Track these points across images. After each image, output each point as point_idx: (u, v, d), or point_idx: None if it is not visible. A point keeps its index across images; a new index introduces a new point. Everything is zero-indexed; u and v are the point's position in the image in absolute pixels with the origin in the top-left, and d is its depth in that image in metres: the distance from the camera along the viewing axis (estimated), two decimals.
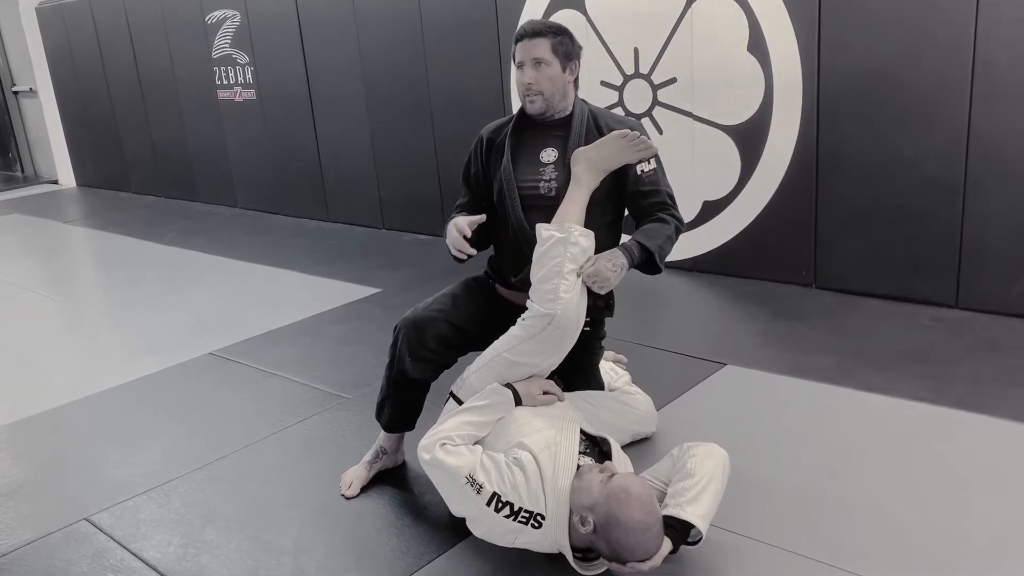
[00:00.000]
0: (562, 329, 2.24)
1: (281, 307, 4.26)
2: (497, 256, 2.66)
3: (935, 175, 3.47)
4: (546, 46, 2.40)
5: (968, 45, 3.28)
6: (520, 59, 2.45)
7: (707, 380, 3.07)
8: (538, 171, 2.48)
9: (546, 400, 2.28)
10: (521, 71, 2.45)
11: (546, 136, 2.51)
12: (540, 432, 2.10)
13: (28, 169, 9.61)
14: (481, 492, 1.98)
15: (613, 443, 2.23)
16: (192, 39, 6.72)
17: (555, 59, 2.41)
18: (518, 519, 1.96)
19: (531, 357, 2.29)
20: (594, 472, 1.98)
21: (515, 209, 2.48)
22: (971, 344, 3.21)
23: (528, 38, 2.42)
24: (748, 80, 3.85)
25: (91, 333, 4.25)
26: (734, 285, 4.09)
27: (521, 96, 2.48)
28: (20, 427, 3.17)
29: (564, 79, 2.44)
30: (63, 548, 2.36)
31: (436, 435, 2.12)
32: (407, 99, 5.31)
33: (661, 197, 2.49)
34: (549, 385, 2.33)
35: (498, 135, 2.57)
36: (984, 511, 2.19)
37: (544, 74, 2.41)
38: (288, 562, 2.21)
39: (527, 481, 1.97)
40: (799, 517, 2.22)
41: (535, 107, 2.45)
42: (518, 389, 2.26)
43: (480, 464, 2.02)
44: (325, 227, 6.05)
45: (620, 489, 1.89)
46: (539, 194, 2.47)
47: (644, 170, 2.45)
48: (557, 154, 2.48)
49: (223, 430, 3.00)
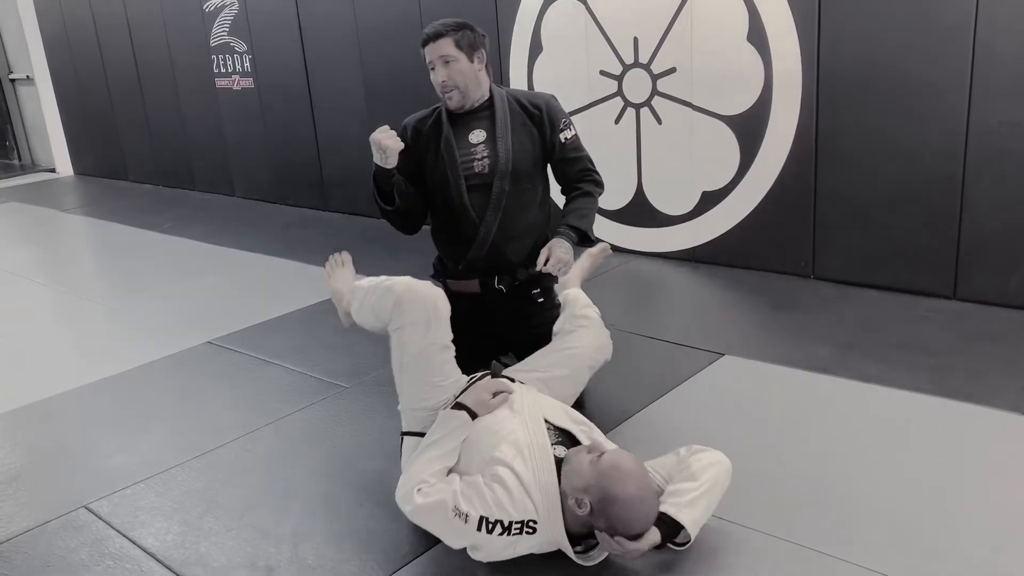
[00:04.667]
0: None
1: (279, 296, 4.26)
2: (437, 243, 2.86)
3: (934, 166, 3.47)
4: (449, 43, 2.60)
5: (968, 36, 3.27)
6: (430, 60, 2.64)
7: (705, 370, 3.07)
8: (470, 151, 2.68)
9: (500, 401, 2.23)
10: (433, 71, 2.64)
11: (472, 122, 2.71)
12: (508, 438, 2.08)
13: (25, 157, 9.58)
14: (469, 520, 1.97)
15: (579, 432, 2.20)
16: (190, 27, 6.69)
17: (460, 53, 2.61)
18: (511, 533, 1.96)
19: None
20: (582, 454, 1.99)
21: (458, 188, 2.67)
22: (969, 335, 3.21)
23: (432, 41, 2.62)
24: (747, 70, 3.85)
25: (88, 321, 4.25)
26: (732, 275, 4.09)
27: (440, 95, 2.68)
28: (18, 415, 3.17)
29: (474, 69, 2.65)
30: (62, 536, 2.36)
31: (409, 482, 2.08)
32: (405, 88, 5.29)
33: (583, 163, 2.80)
34: (496, 385, 2.28)
35: (424, 124, 2.76)
36: (982, 502, 2.20)
37: (454, 69, 2.61)
38: (287, 550, 2.21)
39: (509, 494, 1.96)
40: (796, 507, 2.23)
41: (454, 102, 2.66)
42: (469, 404, 2.20)
43: (460, 493, 2.00)
44: (323, 216, 6.04)
45: (611, 466, 1.90)
46: (474, 172, 2.67)
47: (567, 137, 2.75)
48: (485, 135, 2.69)
49: (221, 419, 3.00)
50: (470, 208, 2.66)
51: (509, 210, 2.69)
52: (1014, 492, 2.22)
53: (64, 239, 6.34)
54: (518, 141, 2.69)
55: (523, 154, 2.70)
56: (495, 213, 2.67)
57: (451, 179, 2.67)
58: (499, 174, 2.66)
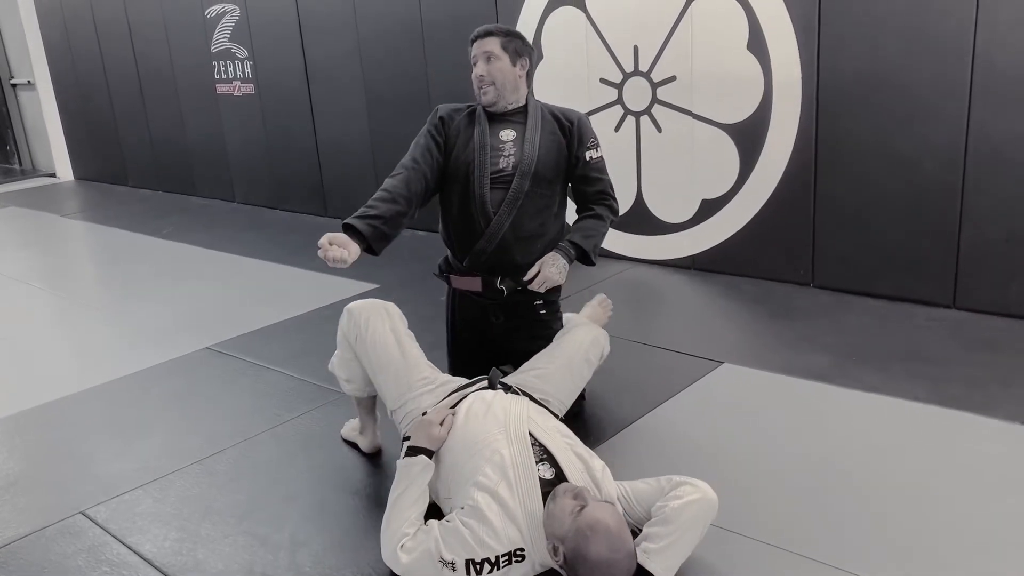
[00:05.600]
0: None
1: (278, 302, 4.26)
2: (446, 236, 2.86)
3: (934, 175, 3.47)
4: (496, 43, 2.68)
5: (968, 44, 3.28)
6: (474, 55, 2.71)
7: (703, 379, 3.07)
8: (498, 147, 2.72)
9: (447, 428, 2.20)
10: (475, 66, 2.71)
11: (505, 122, 2.76)
12: (492, 459, 2.05)
13: (26, 162, 9.59)
14: (456, 568, 1.93)
15: (562, 452, 2.13)
16: (191, 33, 6.70)
17: (505, 54, 2.68)
18: (500, 567, 1.93)
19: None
20: (567, 499, 1.92)
21: (482, 178, 2.69)
22: (968, 344, 3.21)
23: (480, 38, 2.71)
24: (747, 79, 3.85)
25: (87, 327, 4.24)
26: (731, 283, 4.09)
27: (476, 90, 2.73)
28: (16, 420, 3.17)
29: (514, 72, 2.71)
30: (59, 542, 2.36)
31: (391, 542, 2.04)
32: (406, 95, 5.30)
33: (603, 186, 2.81)
34: (439, 415, 2.23)
35: (458, 114, 2.79)
36: (980, 511, 2.19)
37: (495, 66, 2.68)
38: (284, 557, 2.21)
39: (491, 527, 1.93)
40: (794, 516, 2.22)
41: (488, 97, 2.71)
42: (420, 443, 2.17)
43: (441, 540, 1.96)
44: (323, 222, 6.03)
45: (587, 525, 1.84)
46: (498, 167, 2.70)
47: (592, 156, 2.77)
48: (515, 135, 2.73)
49: (219, 425, 3.00)
50: (488, 200, 2.68)
51: (524, 210, 2.70)
52: (1013, 502, 2.22)
53: (64, 244, 6.34)
54: (544, 147, 2.72)
55: (547, 159, 2.72)
56: (510, 209, 2.68)
57: (476, 168, 2.69)
58: (521, 172, 2.68)
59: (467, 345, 2.92)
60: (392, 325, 2.50)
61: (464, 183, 2.72)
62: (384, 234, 2.56)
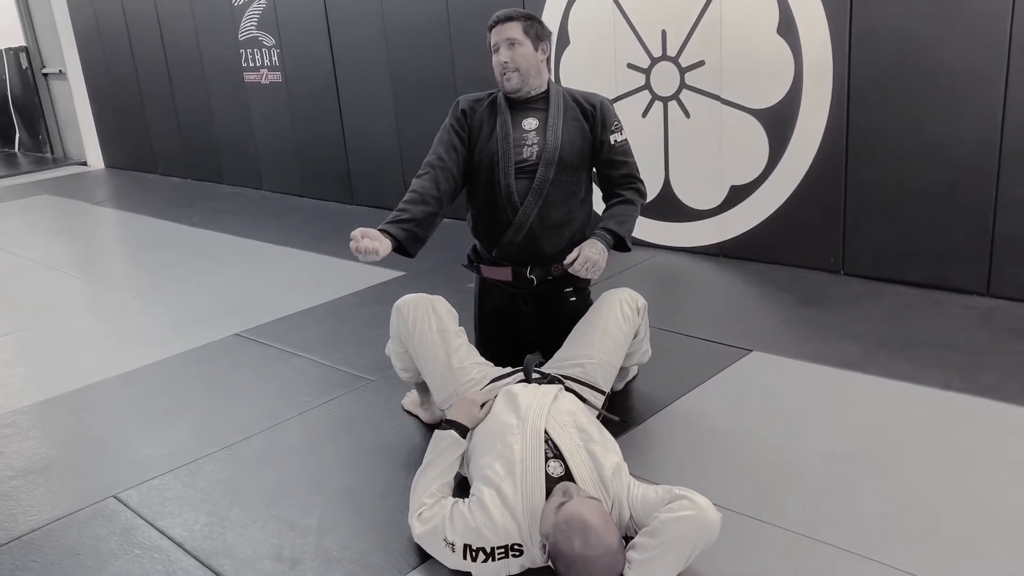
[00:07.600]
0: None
1: (306, 289, 4.28)
2: (474, 227, 2.86)
3: (967, 161, 3.41)
4: (517, 28, 2.66)
5: (1004, 27, 3.21)
6: (495, 42, 2.69)
7: (732, 366, 3.05)
8: (522, 136, 2.71)
9: (487, 410, 2.27)
10: (497, 53, 2.69)
11: (527, 109, 2.74)
12: (504, 454, 2.08)
13: (57, 150, 9.70)
14: (456, 549, 1.98)
15: (572, 448, 2.10)
16: (219, 21, 6.73)
17: (527, 39, 2.67)
18: (496, 559, 1.95)
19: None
20: (556, 495, 1.95)
21: (507, 168, 2.68)
22: (1002, 333, 3.16)
23: (501, 23, 2.68)
24: (777, 63, 3.80)
25: (118, 314, 4.29)
26: (761, 271, 4.06)
27: (498, 76, 2.71)
28: (49, 406, 3.21)
29: (536, 57, 2.70)
30: (92, 525, 2.39)
31: (412, 507, 2.13)
32: (432, 82, 5.29)
33: (630, 169, 2.79)
34: (481, 396, 2.32)
35: (479, 105, 2.78)
36: (1012, 502, 2.16)
37: (518, 52, 2.66)
38: (312, 542, 2.22)
39: (491, 519, 1.96)
40: (823, 505, 2.21)
41: (511, 84, 2.69)
42: (458, 419, 2.24)
43: (448, 519, 2.01)
44: (350, 210, 6.06)
45: (563, 520, 1.84)
46: (522, 157, 2.69)
47: (617, 140, 2.76)
48: (538, 123, 2.71)
49: (248, 410, 3.02)
50: (514, 190, 2.68)
51: (550, 199, 2.69)
52: None
53: (95, 232, 6.41)
54: (568, 133, 2.71)
55: (571, 146, 2.71)
56: (536, 199, 2.67)
57: (501, 159, 2.68)
58: (545, 161, 2.67)
59: (495, 334, 2.92)
60: (440, 325, 2.52)
61: (489, 175, 2.72)
62: (417, 236, 2.62)
